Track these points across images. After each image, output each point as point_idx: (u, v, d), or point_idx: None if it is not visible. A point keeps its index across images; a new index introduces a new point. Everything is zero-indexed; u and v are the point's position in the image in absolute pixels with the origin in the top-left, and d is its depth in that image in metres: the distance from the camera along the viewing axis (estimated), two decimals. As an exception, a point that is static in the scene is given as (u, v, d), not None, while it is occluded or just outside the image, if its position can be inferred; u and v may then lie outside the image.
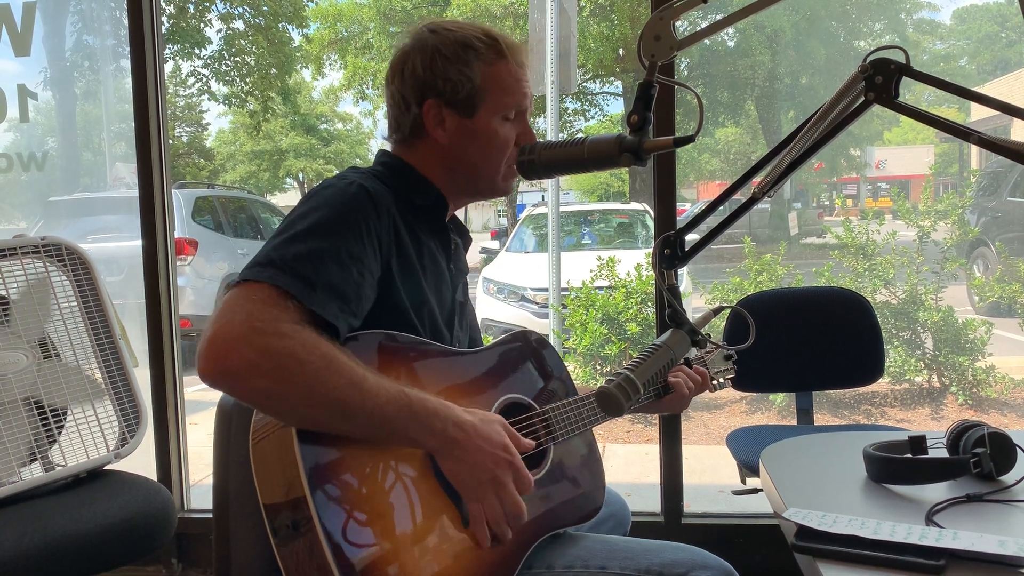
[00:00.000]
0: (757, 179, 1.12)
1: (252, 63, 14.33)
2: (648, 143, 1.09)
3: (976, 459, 1.20)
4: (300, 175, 21.20)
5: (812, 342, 2.43)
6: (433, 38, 1.33)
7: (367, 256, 1.15)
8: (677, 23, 1.08)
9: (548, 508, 1.30)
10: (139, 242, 2.77)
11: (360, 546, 1.03)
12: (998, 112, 0.98)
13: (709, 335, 1.14)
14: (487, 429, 1.13)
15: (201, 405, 4.45)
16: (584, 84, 14.34)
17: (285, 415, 1.05)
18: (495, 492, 1.13)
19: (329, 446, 1.07)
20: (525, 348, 1.42)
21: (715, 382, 1.69)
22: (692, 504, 2.77)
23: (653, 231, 2.98)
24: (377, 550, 1.05)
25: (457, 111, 1.32)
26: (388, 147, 1.41)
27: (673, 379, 1.55)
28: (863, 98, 1.00)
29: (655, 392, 1.54)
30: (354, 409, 1.04)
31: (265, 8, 13.63)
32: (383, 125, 1.41)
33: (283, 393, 1.01)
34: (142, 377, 2.64)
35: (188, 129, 19.64)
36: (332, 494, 1.04)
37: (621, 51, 12.47)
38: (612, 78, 14.35)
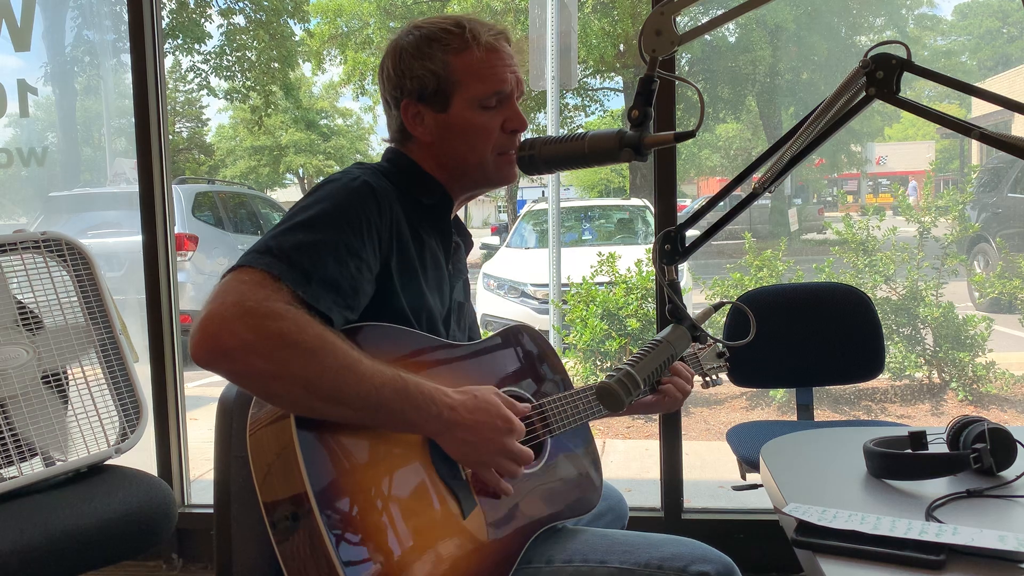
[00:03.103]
0: (757, 175, 1.12)
1: (253, 58, 14.31)
2: (649, 138, 1.09)
3: (976, 455, 1.20)
4: (300, 171, 21.19)
5: (812, 338, 2.43)
6: (405, 38, 1.32)
7: (366, 252, 1.15)
8: (678, 18, 1.08)
9: (546, 501, 1.31)
10: (139, 237, 2.77)
11: (361, 538, 1.03)
12: (999, 108, 0.98)
13: (708, 331, 1.14)
14: (481, 404, 1.15)
15: (201, 401, 4.46)
16: (585, 80, 14.32)
17: (279, 398, 1.05)
18: (502, 458, 1.16)
19: (329, 435, 1.07)
20: (522, 342, 1.42)
21: (708, 379, 1.69)
22: (692, 500, 2.77)
23: (653, 227, 2.98)
24: (378, 542, 1.05)
25: (431, 107, 1.31)
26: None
27: (663, 386, 1.53)
28: (864, 93, 1.00)
29: (651, 389, 1.54)
30: (349, 391, 1.04)
31: (266, 3, 13.61)
32: (383, 121, 1.41)
33: (277, 373, 1.00)
34: (142, 372, 2.64)
35: (188, 124, 19.63)
36: (332, 485, 1.04)
37: (622, 46, 12.46)
38: (613, 74, 14.34)
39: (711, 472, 4.04)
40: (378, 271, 1.19)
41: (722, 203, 1.18)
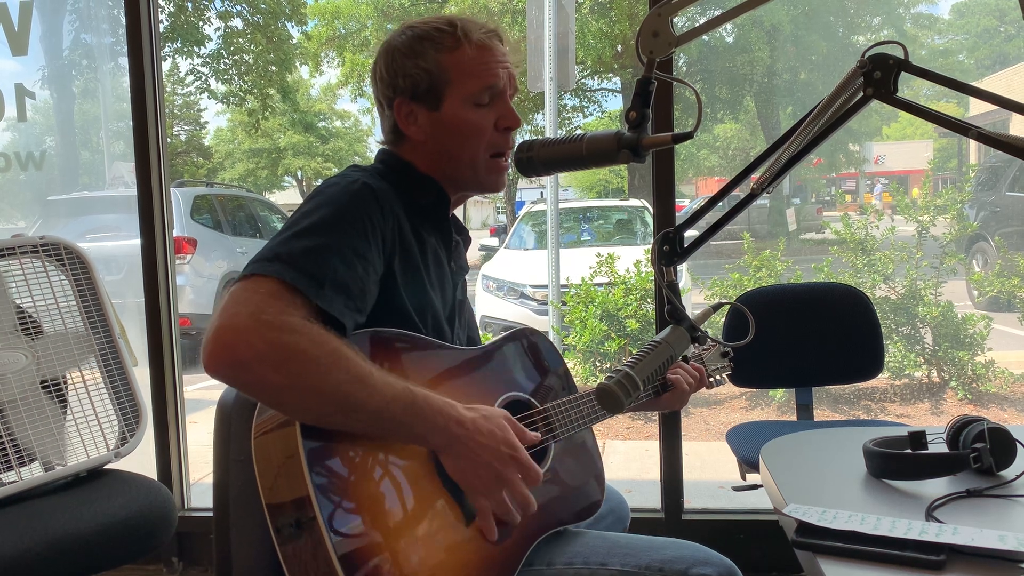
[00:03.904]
0: (756, 175, 1.12)
1: (251, 61, 14.31)
2: (647, 139, 1.09)
3: (976, 454, 1.20)
4: (299, 173, 21.19)
5: (812, 338, 2.43)
6: (397, 38, 1.33)
7: (371, 253, 1.15)
8: (675, 19, 1.08)
9: (549, 506, 1.30)
10: (138, 241, 2.77)
11: (364, 544, 1.03)
12: (997, 107, 0.98)
13: (707, 332, 1.13)
14: (489, 426, 1.13)
15: (201, 404, 4.45)
16: (582, 80, 14.33)
17: (291, 409, 1.05)
18: (500, 489, 1.13)
19: (333, 442, 1.06)
20: (525, 346, 1.42)
21: (712, 379, 1.69)
22: (692, 500, 2.77)
23: (652, 227, 2.98)
24: (381, 548, 1.04)
25: (424, 105, 1.31)
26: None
27: (672, 376, 1.54)
28: (862, 93, 1.00)
29: (654, 389, 1.54)
30: (360, 405, 1.04)
31: (263, 6, 13.61)
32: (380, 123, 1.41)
33: (291, 387, 1.01)
34: (142, 376, 2.64)
35: (186, 127, 19.64)
36: (336, 491, 1.04)
37: (619, 47, 12.47)
38: (610, 74, 14.35)
39: (711, 473, 4.04)
40: (382, 272, 1.19)
41: (721, 203, 1.18)
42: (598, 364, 5.25)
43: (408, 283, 1.24)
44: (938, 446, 1.30)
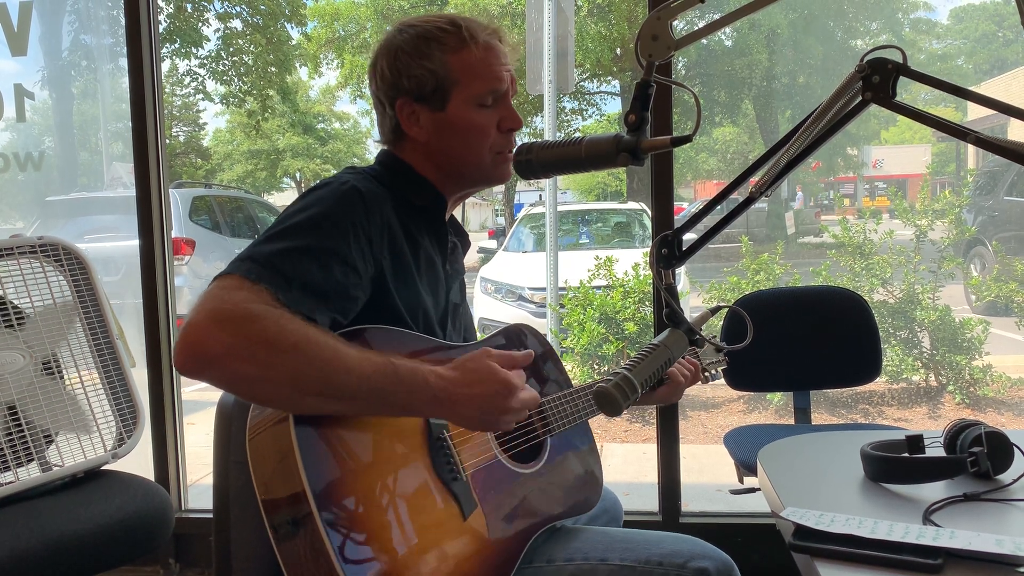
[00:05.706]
0: (754, 178, 1.12)
1: (250, 62, 14.31)
2: (645, 143, 1.09)
3: (973, 458, 1.20)
4: (297, 174, 21.18)
5: (810, 341, 2.43)
6: (398, 37, 1.32)
7: (352, 256, 1.14)
8: (675, 23, 1.08)
9: (547, 500, 1.31)
10: (136, 242, 2.76)
11: (362, 539, 1.03)
12: (995, 111, 0.98)
13: (705, 334, 1.14)
14: (475, 376, 1.11)
15: (199, 405, 4.45)
16: (582, 83, 14.34)
17: (269, 399, 1.04)
18: (511, 421, 1.14)
19: (328, 438, 1.06)
20: (523, 342, 1.42)
21: (707, 373, 1.70)
22: (690, 503, 2.78)
23: (651, 230, 2.98)
24: (378, 543, 1.05)
25: (428, 106, 1.30)
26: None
27: (669, 369, 1.54)
28: (860, 98, 1.00)
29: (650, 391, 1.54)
30: (338, 383, 1.02)
31: (263, 7, 13.61)
32: (379, 124, 1.41)
33: (263, 375, 1.00)
34: (140, 377, 2.64)
35: (185, 128, 19.63)
36: (332, 487, 1.04)
37: (619, 50, 12.49)
38: (610, 77, 14.36)
39: (709, 476, 4.04)
40: (372, 274, 1.19)
41: (719, 207, 1.18)
42: (596, 367, 5.25)
43: (399, 285, 1.24)
44: (935, 450, 1.30)
